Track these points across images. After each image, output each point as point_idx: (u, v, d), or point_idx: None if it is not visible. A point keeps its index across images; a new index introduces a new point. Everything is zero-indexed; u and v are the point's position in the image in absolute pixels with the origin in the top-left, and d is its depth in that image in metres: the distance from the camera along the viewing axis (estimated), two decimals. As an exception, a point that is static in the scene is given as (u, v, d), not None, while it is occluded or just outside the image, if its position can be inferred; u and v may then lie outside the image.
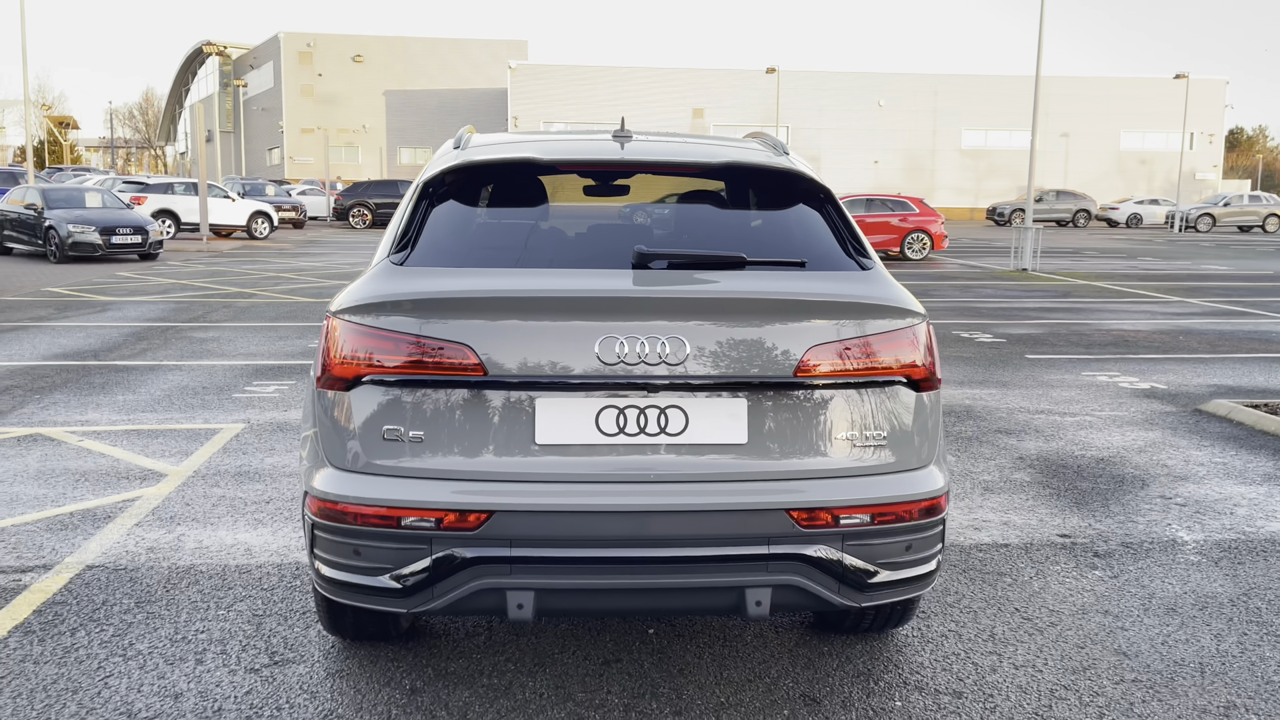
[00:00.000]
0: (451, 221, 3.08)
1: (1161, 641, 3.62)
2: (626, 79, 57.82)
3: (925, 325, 2.95)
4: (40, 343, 9.93)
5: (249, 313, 12.59)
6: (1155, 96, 59.48)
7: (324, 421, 2.82)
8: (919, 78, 59.44)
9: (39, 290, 14.67)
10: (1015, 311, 13.82)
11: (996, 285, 17.67)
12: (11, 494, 5.10)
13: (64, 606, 3.76)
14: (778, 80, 52.70)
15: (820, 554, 2.73)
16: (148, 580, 4.01)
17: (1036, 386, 8.40)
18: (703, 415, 2.72)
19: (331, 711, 3.05)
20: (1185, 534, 4.77)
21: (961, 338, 11.17)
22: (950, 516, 4.94)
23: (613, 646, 3.48)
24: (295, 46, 68.34)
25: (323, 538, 2.77)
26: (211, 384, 8.02)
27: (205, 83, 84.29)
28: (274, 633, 3.56)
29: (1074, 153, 60.20)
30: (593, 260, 2.98)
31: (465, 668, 3.32)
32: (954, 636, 3.63)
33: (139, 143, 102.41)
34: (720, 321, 2.74)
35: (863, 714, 3.09)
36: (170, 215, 27.28)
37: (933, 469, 2.93)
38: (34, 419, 6.72)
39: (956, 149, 60.14)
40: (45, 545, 4.38)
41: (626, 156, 3.27)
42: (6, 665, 3.29)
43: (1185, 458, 6.15)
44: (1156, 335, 11.56)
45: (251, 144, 75.59)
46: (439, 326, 2.69)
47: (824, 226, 3.15)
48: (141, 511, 4.85)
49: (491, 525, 2.65)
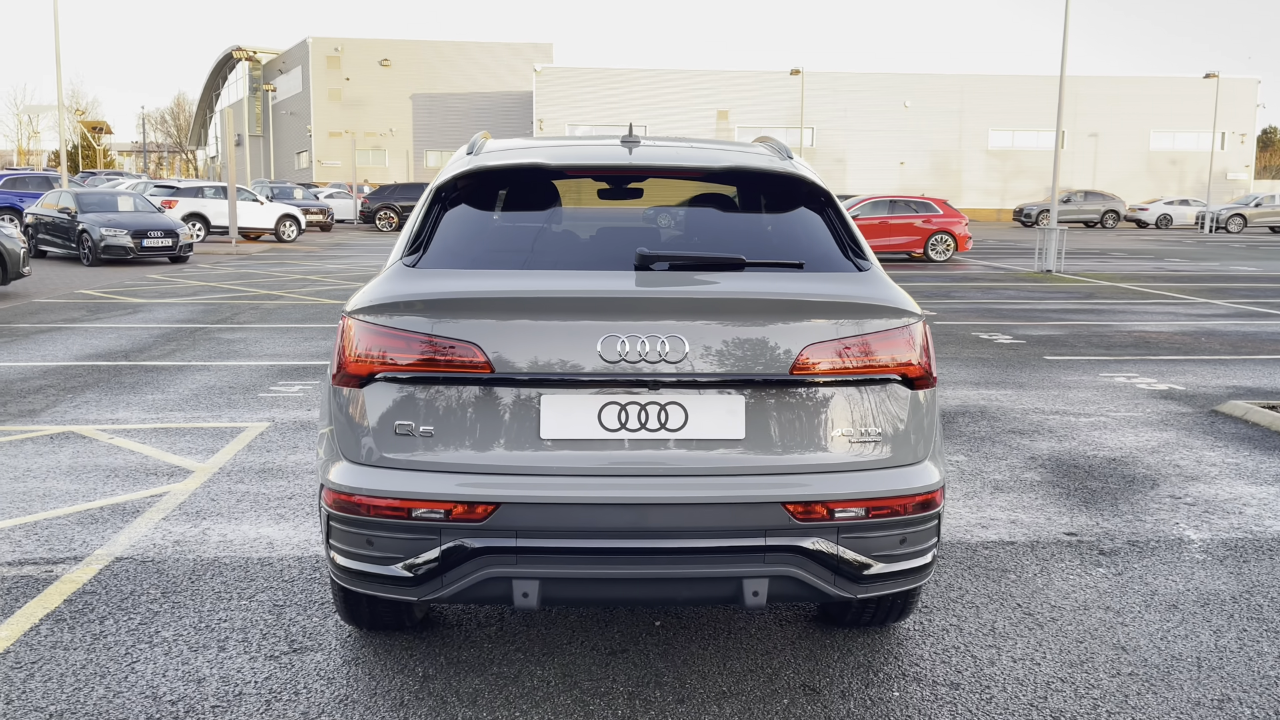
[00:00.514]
0: (463, 225, 3.20)
1: (1161, 637, 3.68)
2: (651, 81, 57.97)
3: (921, 325, 3.03)
4: (73, 343, 10.17)
5: (275, 314, 12.81)
6: (1185, 96, 58.88)
7: (339, 417, 2.94)
8: (945, 78, 59.17)
9: (72, 292, 14.98)
10: (1036, 313, 13.80)
11: (1019, 287, 17.62)
12: (45, 489, 5.28)
13: (93, 596, 3.90)
14: (802, 82, 52.65)
15: (816, 546, 2.82)
16: (174, 572, 4.16)
17: (1053, 387, 8.42)
18: (702, 411, 2.82)
19: (347, 697, 3.17)
20: (1192, 533, 4.81)
21: (980, 339, 11.19)
22: (958, 514, 5.00)
23: (620, 637, 3.58)
24: (323, 51, 69.02)
25: (337, 528, 2.89)
26: (238, 384, 8.20)
27: (235, 88, 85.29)
28: (293, 622, 3.69)
29: (1103, 153, 59.71)
30: (598, 262, 3.09)
31: (476, 656, 3.43)
32: (955, 630, 3.70)
33: (171, 147, 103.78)
34: (719, 321, 2.84)
35: (861, 704, 3.17)
36: (200, 218, 27.70)
37: (928, 464, 3.00)
38: (66, 417, 6.92)
39: (983, 150, 59.82)
40: (76, 538, 4.54)
41: (633, 161, 3.37)
42: (38, 651, 3.44)
43: (1198, 458, 6.17)
44: (1178, 336, 11.52)
45: (280, 148, 76.39)
46: (448, 326, 2.81)
47: (824, 229, 3.23)
48: (168, 506, 5.00)
49: (498, 517, 2.76)
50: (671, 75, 58.51)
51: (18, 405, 7.27)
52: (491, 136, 3.91)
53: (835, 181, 56.31)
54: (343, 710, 3.09)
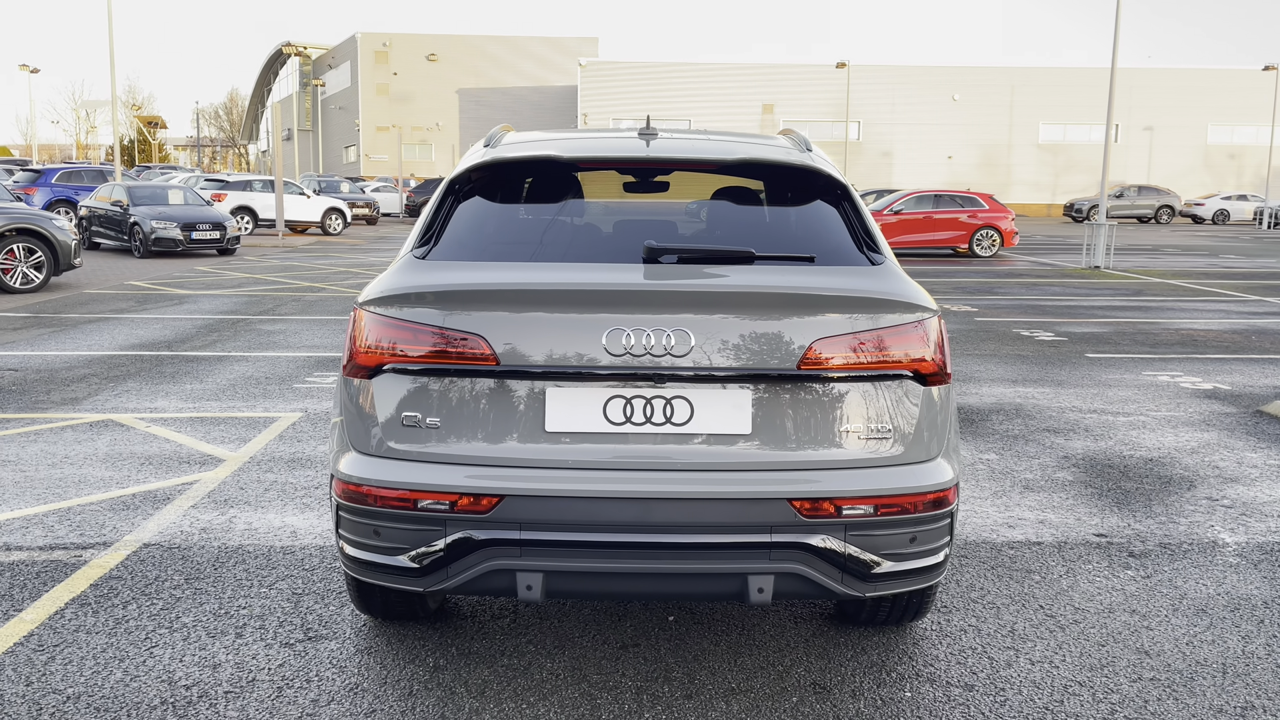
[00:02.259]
0: (474, 217, 3.20)
1: (1186, 642, 3.59)
2: (696, 75, 57.81)
3: (936, 320, 2.97)
4: (119, 334, 10.38)
5: (316, 306, 12.97)
6: (1244, 89, 57.42)
7: (349, 407, 2.96)
8: (995, 71, 58.31)
9: (122, 284, 15.30)
10: (1081, 309, 13.55)
11: (1065, 283, 17.31)
12: (81, 475, 5.39)
13: (119, 581, 3.98)
14: (848, 75, 52.16)
15: (823, 543, 2.78)
16: (198, 559, 4.23)
17: (1093, 386, 8.25)
18: (707, 406, 2.80)
19: (357, 685, 3.19)
20: (1227, 536, 4.69)
21: (1021, 335, 11.00)
22: (984, 513, 4.92)
23: (632, 632, 3.57)
24: (372, 46, 69.77)
25: (346, 518, 2.92)
26: (274, 374, 8.32)
27: (286, 83, 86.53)
28: (310, 610, 3.73)
29: (1158, 147, 58.46)
30: (607, 255, 3.08)
31: (487, 648, 3.44)
32: (973, 631, 3.64)
33: (224, 141, 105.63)
34: (726, 314, 2.81)
35: (871, 703, 3.13)
36: (248, 211, 28.16)
37: (940, 462, 2.95)
38: (106, 405, 7.06)
39: (1034, 144, 58.87)
40: (107, 524, 4.63)
41: (649, 154, 3.35)
42: (61, 634, 3.51)
43: (1239, 459, 6.01)
44: (1227, 335, 11.24)
45: (329, 142, 77.38)
46: (454, 317, 2.81)
47: (839, 222, 3.19)
48: (198, 494, 5.09)
49: (502, 509, 2.76)
50: (716, 69, 58.30)
51: (61, 393, 7.44)
52: (536, 130, 3.91)
53: (881, 176, 55.79)
54: (352, 698, 3.11)
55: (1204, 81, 58.45)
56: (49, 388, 7.65)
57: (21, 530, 4.54)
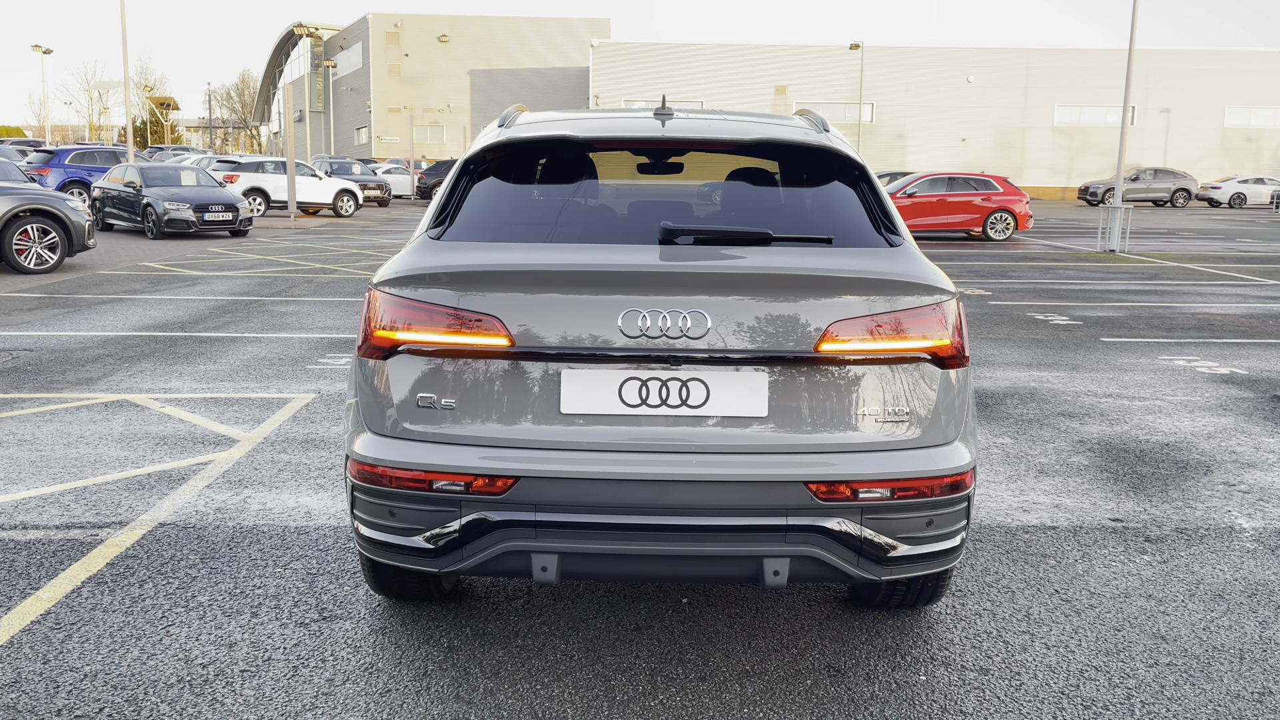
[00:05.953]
0: (488, 198, 3.18)
1: (1203, 627, 3.57)
2: (708, 57, 57.49)
3: (954, 302, 2.95)
4: (133, 315, 10.42)
5: (328, 288, 12.99)
6: (1263, 71, 56.82)
7: (364, 389, 2.95)
8: (1010, 52, 57.78)
9: (135, 265, 15.34)
10: (1095, 293, 13.46)
11: (1079, 267, 17.20)
12: (96, 455, 5.42)
13: (135, 560, 4.00)
14: (861, 56, 51.80)
15: (839, 526, 2.77)
16: (213, 538, 4.24)
17: (1108, 370, 8.20)
18: (723, 388, 2.78)
19: (372, 665, 3.20)
20: (1245, 521, 4.66)
21: (1035, 319, 10.94)
22: (1000, 498, 4.90)
23: (646, 614, 3.57)
24: (383, 27, 69.58)
25: (361, 499, 2.92)
26: (287, 355, 8.33)
27: (297, 64, 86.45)
28: (325, 590, 3.74)
29: (1175, 129, 57.93)
30: (623, 235, 3.06)
31: (501, 629, 3.45)
32: (988, 615, 3.63)
33: (236, 123, 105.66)
34: (742, 296, 2.79)
35: (886, 686, 3.12)
36: (260, 193, 28.17)
37: (958, 445, 2.93)
38: (121, 386, 7.09)
39: (1049, 126, 58.39)
40: (123, 504, 4.65)
41: (665, 134, 3.32)
42: (78, 613, 3.53)
43: (1256, 444, 5.97)
44: (1244, 319, 11.15)
45: (340, 123, 77.31)
46: (469, 298, 2.80)
47: (856, 203, 3.16)
48: (213, 474, 5.10)
49: (517, 490, 2.75)
50: (729, 50, 57.94)
51: (76, 374, 7.47)
52: (550, 111, 3.88)
53: (895, 158, 55.45)
54: (367, 678, 3.13)
55: (1222, 63, 57.81)
56: (64, 368, 7.68)
57: (38, 509, 4.56)
